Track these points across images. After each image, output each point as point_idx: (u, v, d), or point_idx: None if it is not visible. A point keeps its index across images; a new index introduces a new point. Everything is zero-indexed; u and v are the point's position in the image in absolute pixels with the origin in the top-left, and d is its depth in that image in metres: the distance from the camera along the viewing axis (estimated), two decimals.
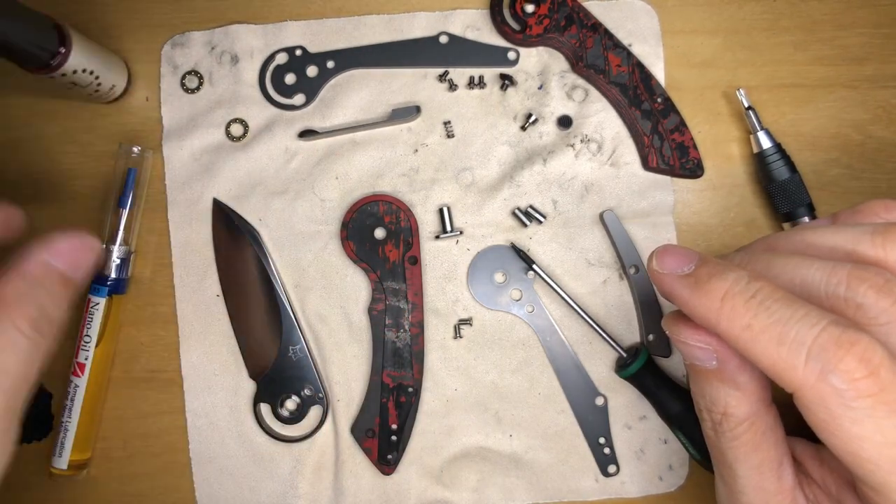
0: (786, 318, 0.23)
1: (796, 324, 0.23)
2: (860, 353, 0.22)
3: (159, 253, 0.46)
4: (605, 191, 0.45)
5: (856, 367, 0.21)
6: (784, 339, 0.23)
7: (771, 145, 0.43)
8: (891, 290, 0.23)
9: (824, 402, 0.22)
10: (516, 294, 0.45)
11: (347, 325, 0.45)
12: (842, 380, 0.22)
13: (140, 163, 0.44)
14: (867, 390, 0.21)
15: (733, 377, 0.26)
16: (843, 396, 0.22)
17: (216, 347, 0.45)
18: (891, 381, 0.21)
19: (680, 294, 0.26)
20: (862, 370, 0.21)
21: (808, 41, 0.45)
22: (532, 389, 0.45)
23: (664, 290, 0.27)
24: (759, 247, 0.29)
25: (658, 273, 0.27)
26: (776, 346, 0.23)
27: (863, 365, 0.21)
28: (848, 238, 0.26)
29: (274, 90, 0.46)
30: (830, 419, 0.22)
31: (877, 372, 0.21)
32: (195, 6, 0.46)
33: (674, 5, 0.46)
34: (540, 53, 0.45)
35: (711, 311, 0.25)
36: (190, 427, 0.45)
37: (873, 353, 0.22)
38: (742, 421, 0.27)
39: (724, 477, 0.29)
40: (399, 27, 0.46)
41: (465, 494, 0.44)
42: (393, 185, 0.45)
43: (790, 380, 0.23)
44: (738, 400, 0.26)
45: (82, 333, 0.43)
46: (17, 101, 0.46)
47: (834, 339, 0.22)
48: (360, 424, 0.44)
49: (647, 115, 0.44)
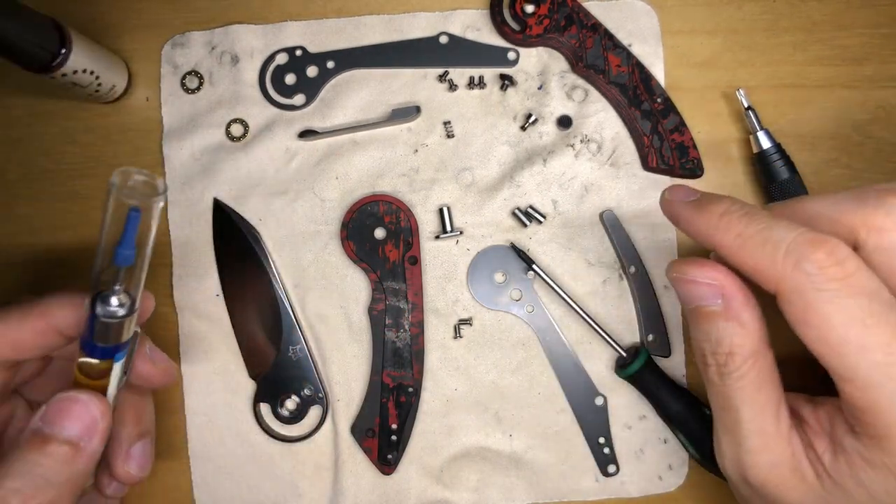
0: (771, 226, 0.27)
1: (778, 229, 0.27)
2: (829, 248, 0.25)
3: (159, 253, 0.46)
4: (604, 191, 0.45)
5: (824, 257, 0.25)
6: (768, 240, 0.27)
7: (771, 145, 0.43)
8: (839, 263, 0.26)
9: (798, 289, 0.26)
10: (516, 294, 0.45)
11: (347, 325, 0.45)
12: (813, 266, 0.25)
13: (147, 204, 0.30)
14: (834, 275, 0.25)
15: (738, 314, 0.28)
16: (814, 281, 0.25)
17: (216, 347, 0.45)
18: (855, 268, 0.25)
19: (686, 215, 0.30)
20: (830, 260, 0.25)
21: (808, 41, 0.45)
22: (532, 389, 0.45)
23: (672, 214, 0.32)
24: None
25: (668, 201, 0.32)
26: (762, 246, 0.27)
27: (831, 257, 0.25)
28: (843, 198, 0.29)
29: (274, 90, 0.46)
30: (804, 305, 0.26)
31: (843, 262, 0.25)
32: (195, 6, 0.46)
33: (674, 5, 0.46)
34: (540, 53, 0.45)
35: (711, 225, 0.29)
36: (189, 427, 0.45)
37: (841, 249, 0.25)
38: (747, 358, 0.28)
39: (727, 425, 0.30)
40: (399, 27, 0.46)
41: (465, 494, 0.44)
42: (393, 185, 0.45)
43: (772, 274, 0.26)
44: (743, 337, 0.28)
45: None
46: (17, 101, 0.46)
47: (808, 238, 0.26)
48: (360, 424, 0.44)
49: (646, 115, 0.44)
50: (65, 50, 0.39)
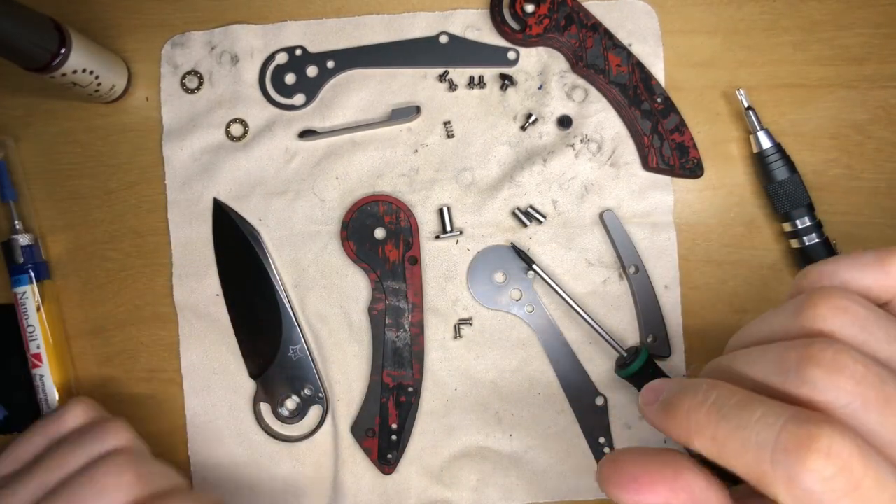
0: (744, 423, 0.21)
1: (755, 426, 0.20)
2: (825, 448, 0.19)
3: (159, 253, 0.46)
4: (604, 191, 0.45)
5: (823, 464, 0.19)
6: (747, 444, 0.20)
7: (771, 145, 0.43)
8: (841, 365, 0.20)
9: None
10: (516, 294, 0.45)
11: (347, 324, 0.45)
12: (813, 481, 0.19)
13: (5, 153, 0.45)
14: (842, 488, 0.19)
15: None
16: (821, 500, 0.19)
17: (216, 347, 0.45)
18: (864, 473, 0.19)
19: (659, 423, 0.24)
20: (831, 467, 0.19)
21: (808, 41, 0.45)
22: (532, 389, 0.45)
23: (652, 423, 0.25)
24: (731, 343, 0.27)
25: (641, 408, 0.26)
26: (742, 453, 0.21)
27: (830, 461, 0.19)
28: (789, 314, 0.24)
29: (274, 90, 0.46)
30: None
31: (848, 466, 0.19)
32: (195, 6, 0.46)
33: (674, 5, 0.46)
34: (540, 53, 0.45)
35: (682, 430, 0.23)
36: (189, 426, 0.45)
37: (840, 445, 0.19)
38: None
39: None
40: (399, 27, 0.46)
41: (465, 494, 0.44)
42: (393, 185, 0.45)
43: (768, 487, 0.20)
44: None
45: (23, 326, 0.43)
46: (17, 101, 0.46)
47: (794, 437, 0.19)
48: (360, 424, 0.44)
49: (646, 115, 0.44)
50: (65, 50, 0.39)
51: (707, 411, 0.22)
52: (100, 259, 0.46)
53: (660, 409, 0.24)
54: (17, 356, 0.44)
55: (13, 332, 0.44)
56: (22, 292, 0.44)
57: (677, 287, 0.45)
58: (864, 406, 0.20)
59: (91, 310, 0.46)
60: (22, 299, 0.44)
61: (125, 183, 0.46)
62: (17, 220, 0.44)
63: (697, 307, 0.45)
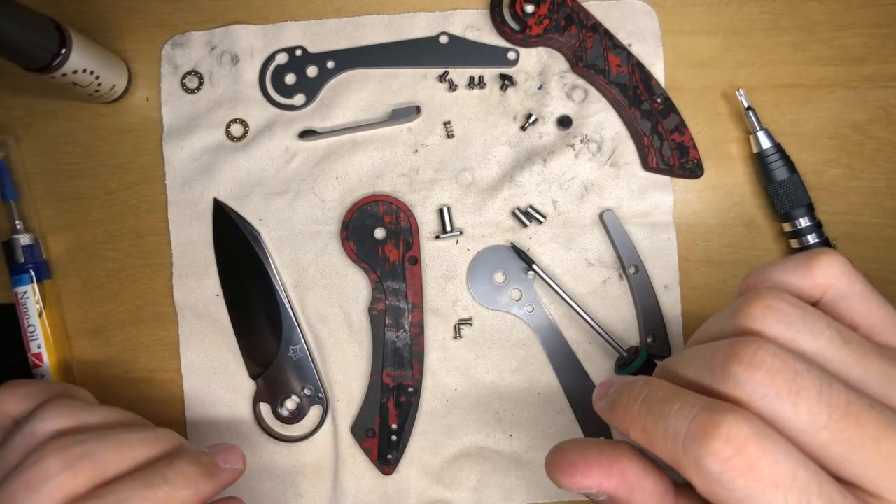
0: (665, 414, 0.23)
1: (673, 417, 0.22)
2: (724, 433, 0.21)
3: (159, 253, 0.46)
4: (604, 191, 0.45)
5: (722, 447, 0.21)
6: (666, 434, 0.22)
7: (770, 145, 0.43)
8: (759, 361, 0.22)
9: (712, 491, 0.21)
10: (516, 294, 0.45)
11: (347, 325, 0.45)
12: (714, 462, 0.21)
13: (6, 153, 0.45)
14: (739, 468, 0.21)
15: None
16: (722, 480, 0.21)
17: (216, 347, 0.45)
18: (759, 455, 0.20)
19: (606, 417, 0.27)
20: (728, 450, 0.21)
21: (808, 41, 0.45)
22: (532, 389, 0.45)
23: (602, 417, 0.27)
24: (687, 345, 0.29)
25: (594, 403, 0.28)
26: (664, 442, 0.23)
27: (729, 444, 0.21)
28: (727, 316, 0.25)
29: (274, 90, 0.46)
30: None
31: (744, 449, 0.21)
32: (195, 6, 0.46)
33: (673, 5, 0.46)
34: (540, 54, 0.45)
35: (621, 423, 0.25)
36: (189, 427, 0.45)
37: (738, 430, 0.21)
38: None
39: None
40: (399, 27, 0.46)
41: (465, 494, 0.44)
42: (393, 185, 0.45)
43: (683, 471, 0.22)
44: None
45: (24, 326, 0.44)
46: (17, 101, 0.46)
47: (701, 425, 0.21)
48: (360, 424, 0.44)
49: (646, 115, 0.44)
50: (65, 50, 0.39)
51: (639, 406, 0.24)
52: (100, 259, 0.46)
53: (606, 404, 0.27)
54: (17, 356, 0.44)
55: (14, 331, 0.44)
56: (23, 292, 0.44)
57: (677, 287, 0.45)
58: (778, 397, 0.21)
59: (91, 310, 0.46)
60: (23, 299, 0.44)
61: (125, 183, 0.46)
62: (17, 220, 0.45)
63: (697, 307, 0.45)
